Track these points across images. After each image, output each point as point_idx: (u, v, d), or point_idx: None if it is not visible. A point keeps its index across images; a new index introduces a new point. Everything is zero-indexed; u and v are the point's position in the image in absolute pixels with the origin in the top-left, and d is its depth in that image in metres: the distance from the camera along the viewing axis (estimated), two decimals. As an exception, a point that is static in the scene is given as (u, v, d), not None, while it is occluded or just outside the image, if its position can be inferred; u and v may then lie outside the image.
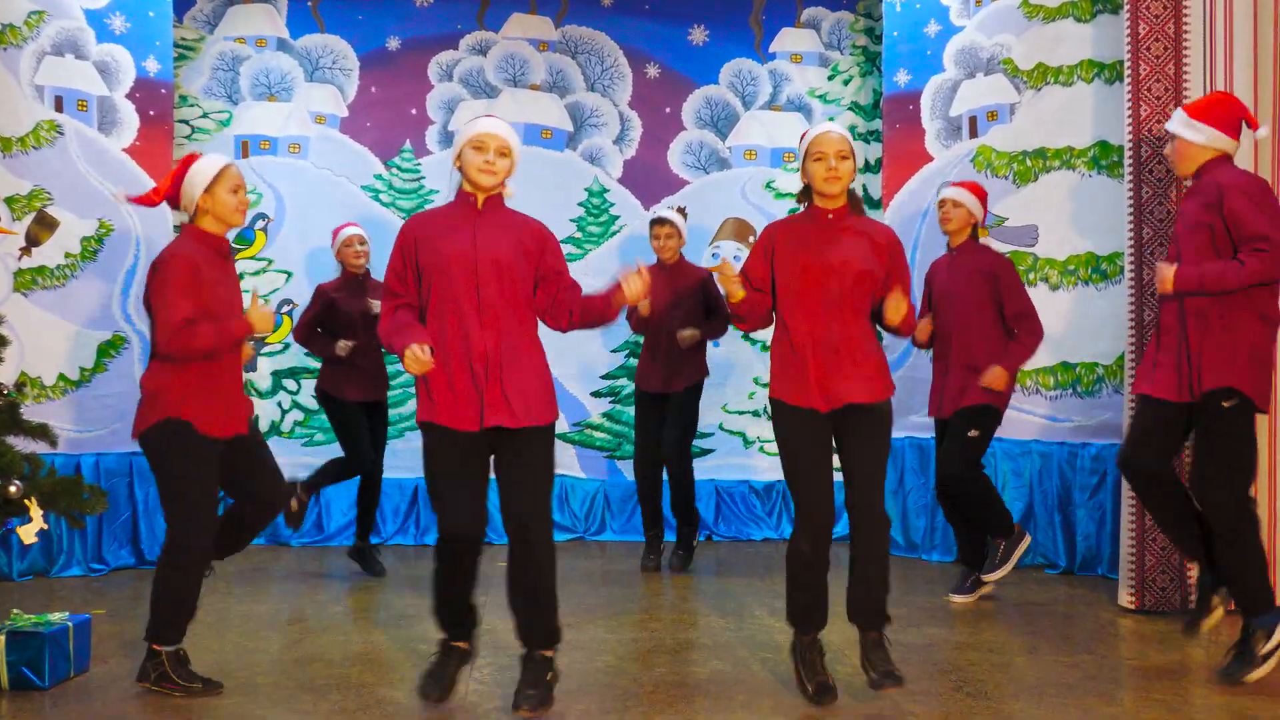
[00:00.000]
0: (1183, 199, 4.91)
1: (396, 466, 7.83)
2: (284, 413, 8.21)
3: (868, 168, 8.66)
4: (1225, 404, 4.61)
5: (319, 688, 4.58)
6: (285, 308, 8.18)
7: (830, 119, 8.69)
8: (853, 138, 8.50)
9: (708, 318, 7.08)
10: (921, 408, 6.76)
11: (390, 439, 7.39)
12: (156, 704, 4.35)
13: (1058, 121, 7.17)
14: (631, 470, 8.44)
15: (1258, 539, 4.65)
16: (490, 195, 4.27)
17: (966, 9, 7.67)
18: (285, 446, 8.10)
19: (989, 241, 6.57)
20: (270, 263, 8.19)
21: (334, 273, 7.10)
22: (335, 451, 7.13)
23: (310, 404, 8.16)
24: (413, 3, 8.49)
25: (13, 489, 4.48)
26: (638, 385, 7.27)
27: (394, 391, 7.55)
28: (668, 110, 8.70)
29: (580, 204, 8.57)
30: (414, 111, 8.47)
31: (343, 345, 6.76)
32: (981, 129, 7.55)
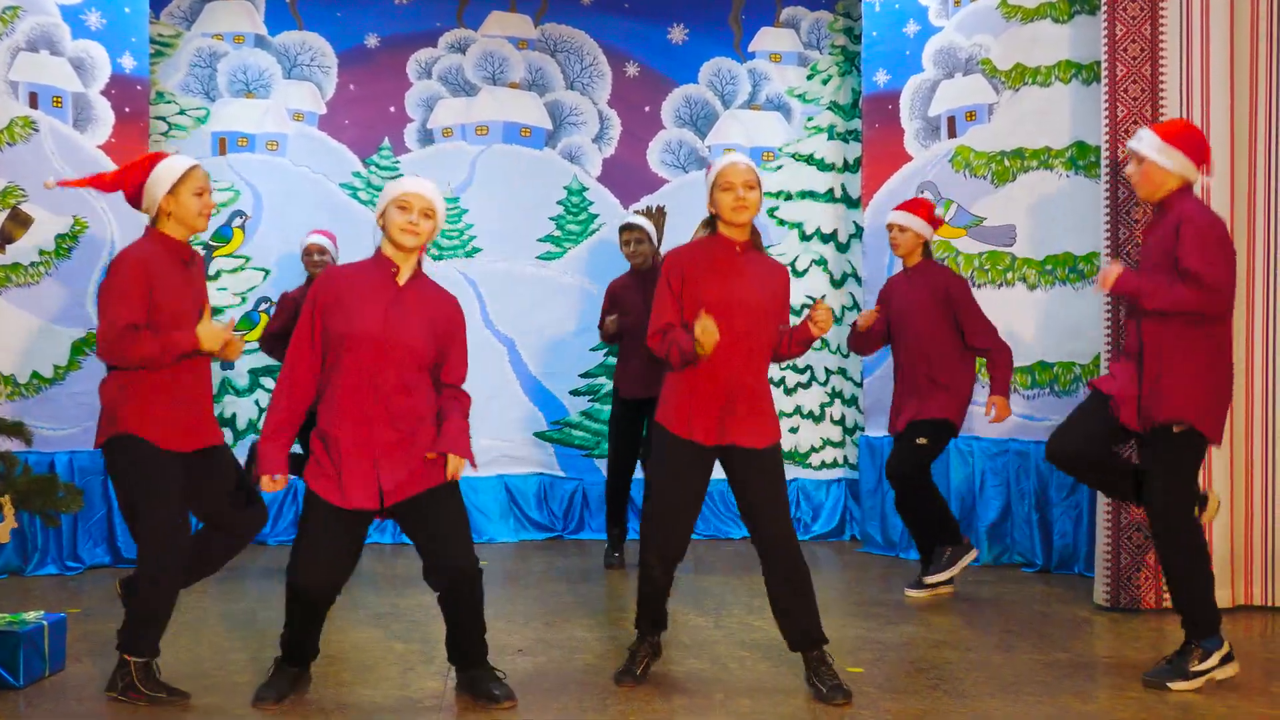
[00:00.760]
0: (1146, 231, 4.90)
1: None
2: (261, 411, 8.17)
3: (847, 167, 8.67)
4: (1176, 429, 4.65)
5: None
6: (263, 306, 8.15)
7: (809, 118, 8.71)
8: (831, 137, 8.65)
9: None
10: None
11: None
12: (130, 705, 4.32)
13: (1035, 122, 7.20)
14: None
15: (1205, 568, 4.66)
16: (411, 264, 4.28)
17: (945, 9, 7.69)
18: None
19: (964, 242, 6.60)
20: (248, 260, 8.15)
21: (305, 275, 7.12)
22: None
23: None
24: (392, 0, 8.46)
25: (-14, 487, 4.43)
26: (616, 390, 7.28)
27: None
28: (647, 109, 8.70)
29: (559, 202, 8.56)
30: (393, 109, 8.44)
31: None
32: (960, 129, 7.57)
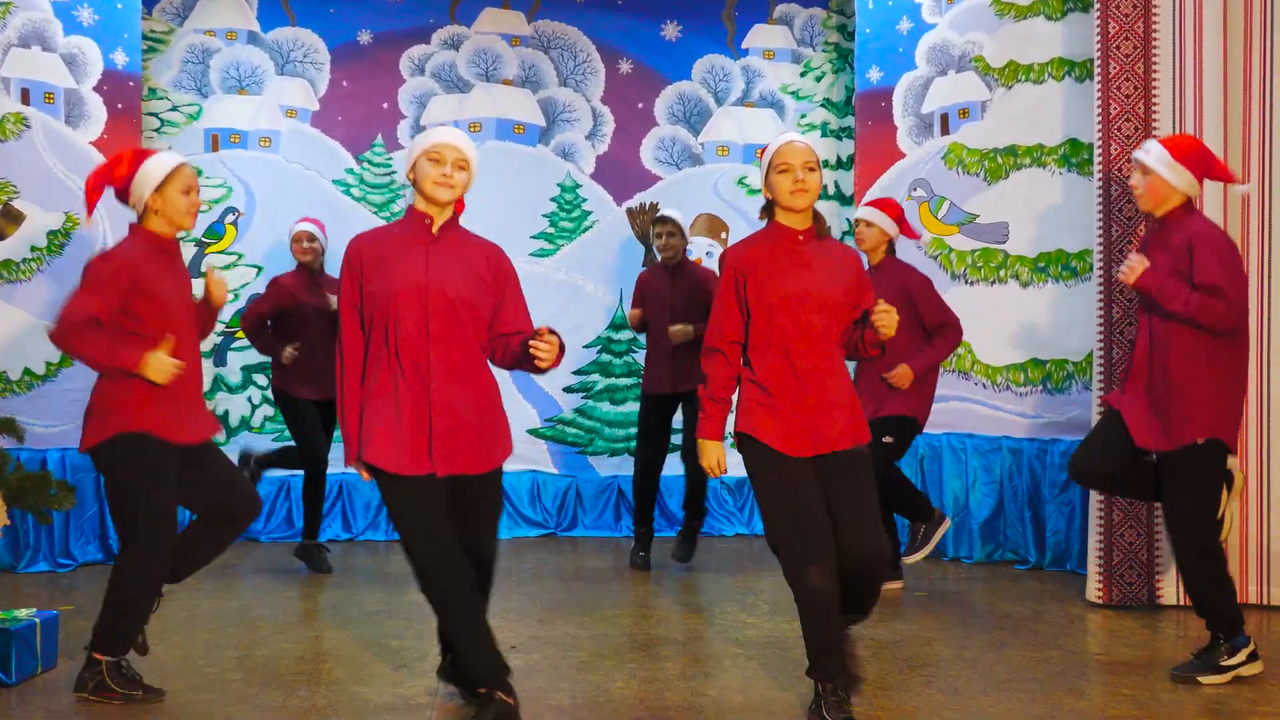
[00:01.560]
0: (1150, 246, 4.87)
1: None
2: (254, 407, 8.16)
3: (840, 164, 8.68)
4: (1199, 440, 4.66)
5: (288, 684, 4.56)
6: (255, 302, 8.14)
7: (802, 115, 8.71)
8: (825, 134, 8.65)
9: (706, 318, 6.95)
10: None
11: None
12: (123, 701, 4.31)
13: (1028, 119, 7.21)
14: (604, 465, 8.47)
15: (1223, 572, 4.71)
16: (445, 216, 4.05)
17: (938, 6, 7.69)
18: (255, 441, 8.06)
19: (956, 239, 6.60)
20: (240, 257, 8.14)
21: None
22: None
23: (280, 399, 8.14)
24: (384, -4, 8.46)
25: (-22, 485, 4.41)
26: (645, 389, 7.18)
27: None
28: (640, 106, 8.70)
29: (553, 199, 8.55)
30: (385, 106, 8.43)
31: (288, 354, 6.80)
32: (953, 126, 7.58)
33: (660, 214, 7.18)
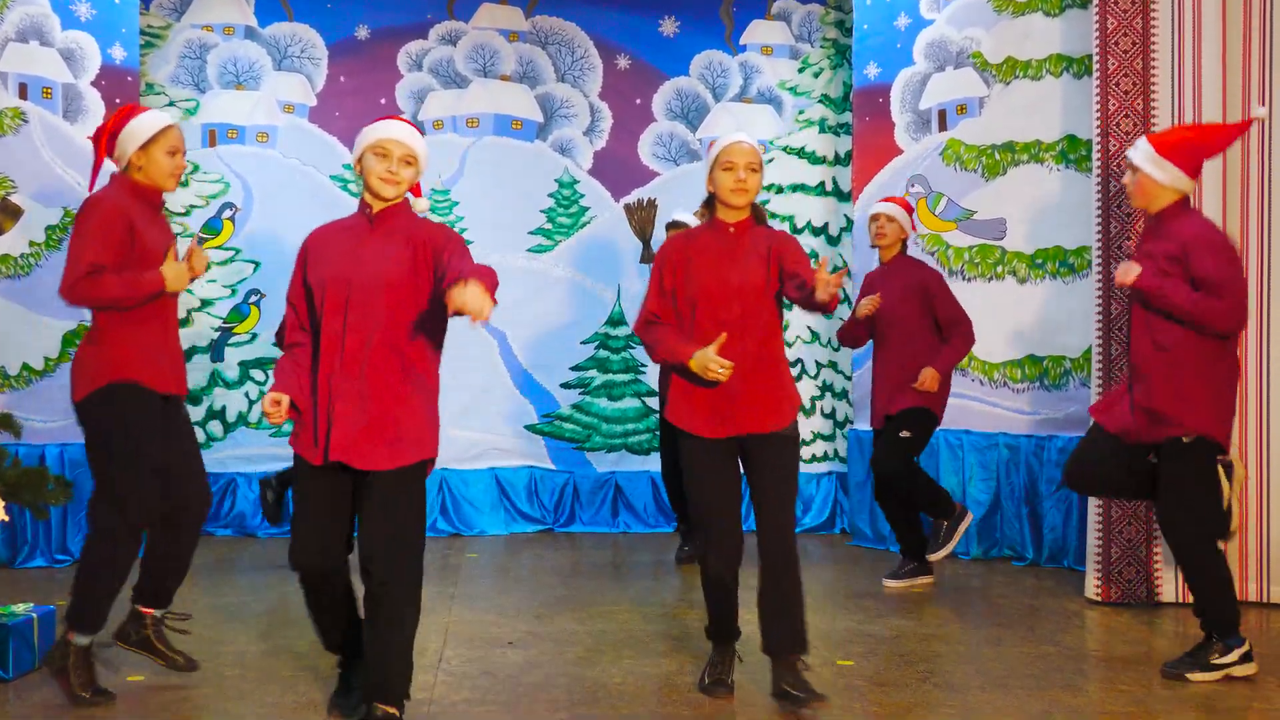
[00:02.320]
0: (1144, 240, 4.87)
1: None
2: (251, 403, 8.16)
3: (838, 160, 8.67)
4: (1185, 439, 4.66)
5: (287, 680, 4.56)
6: (253, 298, 8.14)
7: (800, 111, 8.71)
8: (822, 130, 8.65)
9: None
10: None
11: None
12: (121, 696, 4.31)
13: (1026, 115, 7.20)
14: (601, 461, 8.47)
15: (1222, 571, 4.70)
16: (388, 206, 3.92)
17: (936, 2, 7.68)
18: (253, 437, 8.08)
19: (954, 235, 6.61)
20: (238, 252, 8.13)
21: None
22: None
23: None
24: (382, -9, 8.45)
25: (-25, 480, 4.39)
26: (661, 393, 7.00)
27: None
28: (638, 102, 8.69)
29: (550, 195, 8.55)
30: (383, 101, 8.42)
31: None
32: (950, 122, 7.57)
33: (674, 220, 6.98)
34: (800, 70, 8.77)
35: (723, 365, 4.07)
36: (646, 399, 8.50)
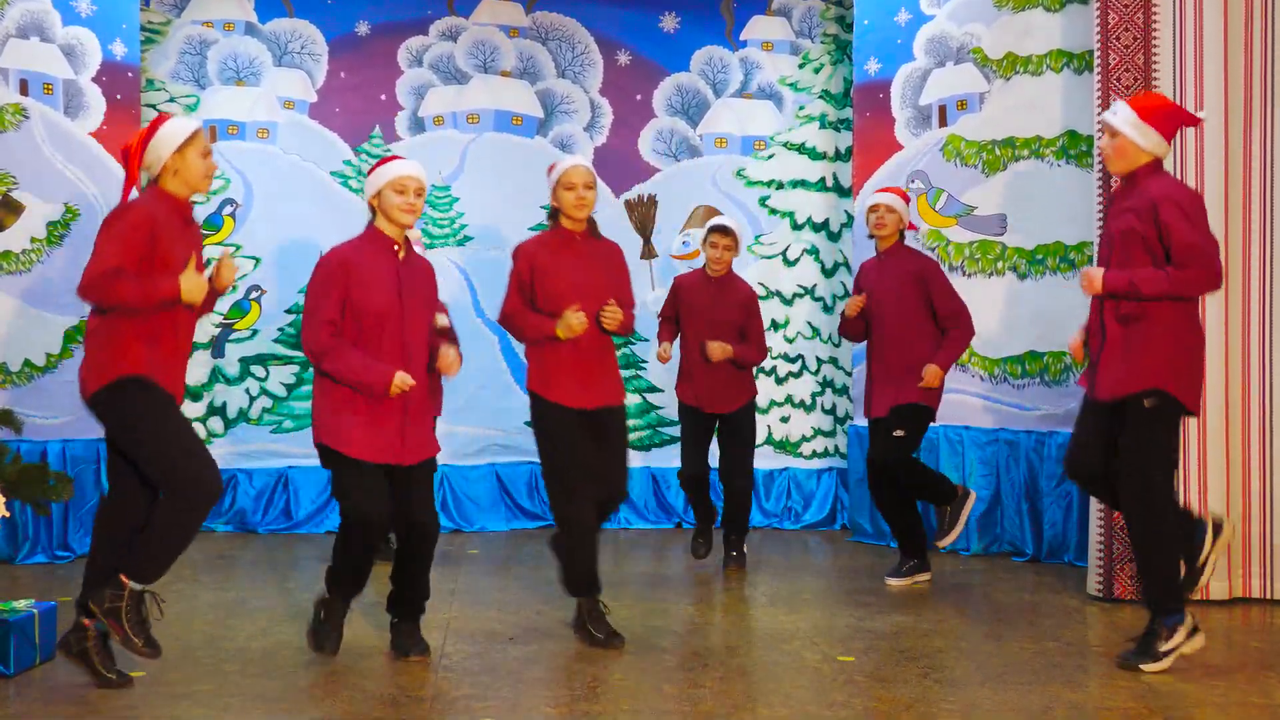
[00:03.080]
0: (1115, 198, 4.87)
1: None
2: (252, 399, 8.16)
3: (838, 156, 8.67)
4: (1146, 402, 4.65)
5: (287, 674, 4.57)
6: (254, 294, 8.14)
7: (800, 107, 8.71)
8: (823, 126, 8.65)
9: (741, 339, 6.70)
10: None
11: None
12: (120, 691, 4.32)
13: (1027, 111, 7.20)
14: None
15: (1173, 537, 4.66)
16: (402, 239, 4.69)
17: (937, -2, 7.69)
18: (253, 434, 8.08)
19: (954, 231, 6.61)
20: (238, 248, 8.13)
21: (306, 262, 7.08)
22: (304, 439, 7.10)
23: (278, 390, 8.15)
24: (382, -13, 8.45)
25: (-24, 476, 4.39)
26: (680, 398, 6.85)
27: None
28: (638, 97, 8.69)
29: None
30: (383, 97, 8.43)
31: None
32: (951, 118, 7.57)
33: (718, 224, 6.82)
34: (801, 66, 8.77)
35: (580, 319, 4.88)
36: (646, 395, 8.51)
